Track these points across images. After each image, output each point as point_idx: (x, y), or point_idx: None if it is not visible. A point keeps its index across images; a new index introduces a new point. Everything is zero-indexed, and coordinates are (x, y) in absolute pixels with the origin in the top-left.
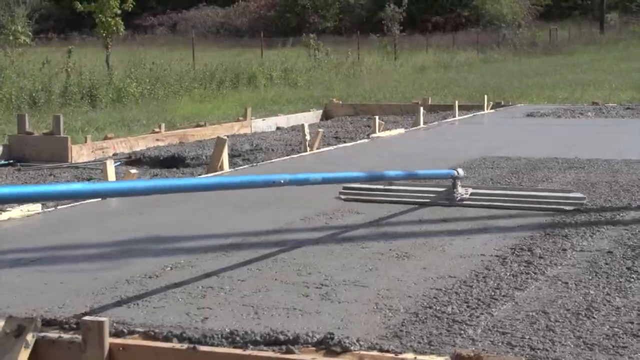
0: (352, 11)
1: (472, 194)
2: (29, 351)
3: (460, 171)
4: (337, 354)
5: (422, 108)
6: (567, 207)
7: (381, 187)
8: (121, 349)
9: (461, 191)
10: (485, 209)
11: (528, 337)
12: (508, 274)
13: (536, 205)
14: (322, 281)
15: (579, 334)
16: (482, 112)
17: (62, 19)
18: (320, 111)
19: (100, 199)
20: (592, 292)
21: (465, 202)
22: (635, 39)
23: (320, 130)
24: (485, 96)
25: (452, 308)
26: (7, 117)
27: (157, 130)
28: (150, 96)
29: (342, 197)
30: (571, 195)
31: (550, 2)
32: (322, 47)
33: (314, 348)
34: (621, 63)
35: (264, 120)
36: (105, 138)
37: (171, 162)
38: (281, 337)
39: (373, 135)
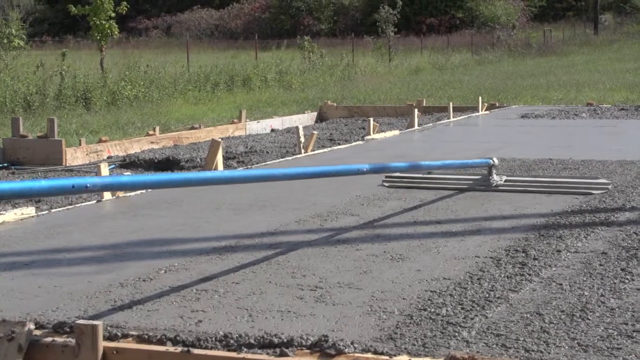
0: (346, 13)
1: (506, 180)
2: (22, 355)
3: (495, 160)
4: (331, 356)
5: (416, 110)
6: (595, 191)
7: (420, 175)
8: (115, 352)
9: (496, 178)
10: (519, 193)
11: (522, 338)
12: (502, 275)
13: (566, 189)
14: (317, 283)
15: (573, 335)
16: (476, 114)
17: (56, 22)
18: (315, 113)
19: (95, 202)
20: (586, 293)
21: (500, 188)
22: (629, 39)
23: (314, 132)
24: (480, 97)
25: (447, 310)
26: (1, 120)
27: (151, 133)
28: (144, 99)
29: (386, 184)
30: (597, 180)
31: (545, 3)
32: (317, 49)
33: (308, 351)
34: (615, 64)
35: (258, 122)
36: (100, 141)
37: (166, 164)
38: (275, 339)
39: (368, 137)
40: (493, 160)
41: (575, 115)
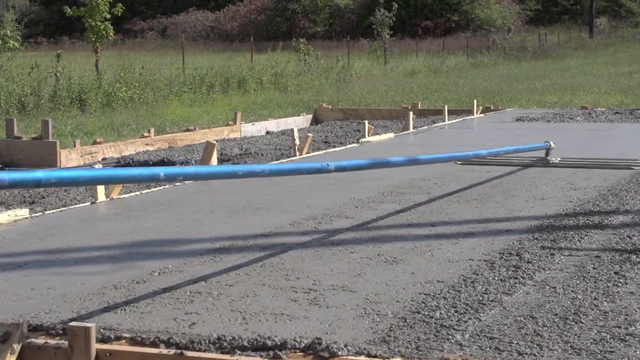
0: (342, 16)
1: (560, 160)
2: (15, 357)
3: (552, 143)
4: (324, 359)
5: (411, 113)
6: (635, 167)
7: (489, 157)
8: (108, 354)
9: (553, 158)
10: (574, 168)
11: (516, 342)
12: (496, 278)
13: (611, 166)
14: (311, 286)
15: (566, 338)
16: (471, 117)
17: (51, 23)
18: (310, 115)
19: (89, 204)
20: (579, 296)
21: (557, 165)
22: (624, 43)
23: (309, 134)
24: (475, 101)
25: (440, 313)
26: None
27: (146, 134)
28: (139, 100)
29: (459, 162)
30: (636, 160)
31: (540, 7)
32: (312, 52)
33: (301, 353)
34: (610, 67)
35: (253, 124)
36: (95, 142)
37: (160, 166)
38: (269, 342)
39: (363, 139)
40: (550, 144)
41: (570, 118)
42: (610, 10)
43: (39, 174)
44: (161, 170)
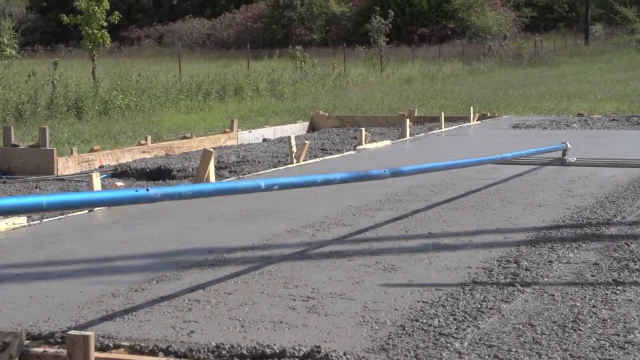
0: (338, 23)
1: (576, 159)
2: None
3: (569, 144)
4: None
5: (408, 120)
6: None
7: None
8: None
9: (569, 158)
10: (588, 167)
11: (515, 350)
12: (494, 286)
13: (624, 165)
14: (309, 294)
15: (565, 346)
16: (468, 124)
17: (48, 31)
18: (307, 123)
19: (87, 212)
20: (578, 304)
21: (574, 164)
22: (619, 50)
23: (306, 142)
24: (471, 108)
25: (439, 321)
26: None
27: (143, 142)
28: (136, 108)
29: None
30: None
31: (536, 14)
32: (309, 59)
33: None
34: (606, 74)
35: (250, 132)
36: (92, 150)
37: (157, 174)
38: (267, 350)
39: (359, 147)
40: (567, 145)
41: (566, 125)
42: (605, 17)
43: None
44: (262, 182)
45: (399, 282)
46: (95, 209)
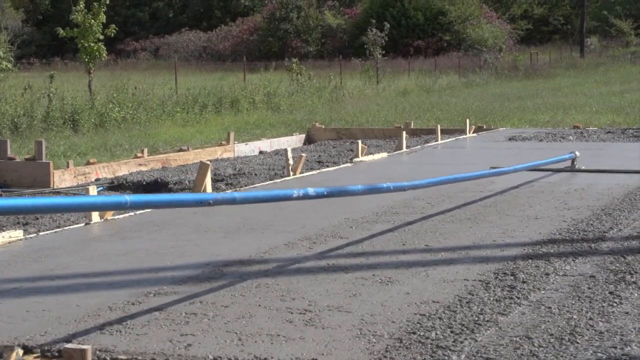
0: (334, 36)
1: (584, 168)
2: None
3: (577, 153)
4: None
5: (404, 132)
6: None
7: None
8: None
9: (578, 165)
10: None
11: None
12: (492, 298)
13: (630, 172)
14: (306, 307)
15: (562, 359)
16: (464, 136)
17: (44, 44)
18: (303, 135)
19: (83, 225)
20: (575, 316)
21: (583, 170)
22: (615, 63)
23: (303, 154)
24: (467, 120)
25: (436, 333)
26: None
27: (139, 155)
28: (132, 121)
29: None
30: None
31: (531, 26)
32: (305, 71)
33: None
34: (601, 87)
35: (246, 144)
36: (88, 163)
37: (154, 187)
38: None
39: (356, 159)
40: (576, 154)
41: (562, 137)
42: (601, 29)
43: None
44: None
45: (396, 295)
46: (92, 222)
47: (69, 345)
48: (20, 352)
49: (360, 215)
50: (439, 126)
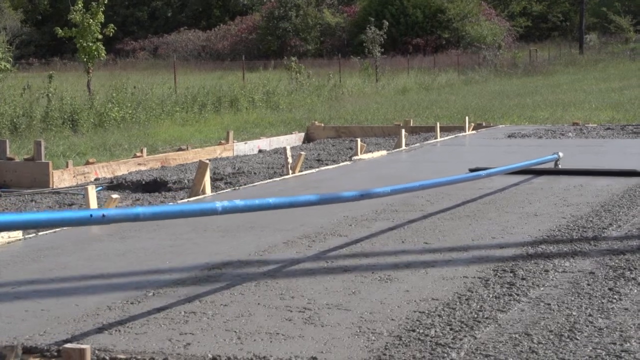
0: (333, 34)
1: (567, 167)
2: None
3: (561, 154)
4: None
5: (403, 130)
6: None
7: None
8: None
9: (560, 165)
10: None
11: (511, 359)
12: (491, 295)
13: (615, 170)
14: (305, 305)
15: (562, 355)
16: (463, 134)
17: (43, 44)
18: (302, 134)
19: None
20: (574, 313)
21: (563, 170)
22: (614, 59)
23: (302, 153)
24: (467, 117)
25: (435, 331)
26: None
27: (138, 154)
28: (132, 120)
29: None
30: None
31: (530, 23)
32: (304, 70)
33: None
34: (600, 83)
35: (246, 143)
36: (87, 163)
37: (153, 186)
38: None
39: (355, 157)
40: (559, 155)
41: (561, 134)
42: (600, 26)
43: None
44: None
45: (395, 292)
46: None
47: (68, 345)
48: (20, 351)
49: (360, 213)
50: (438, 124)
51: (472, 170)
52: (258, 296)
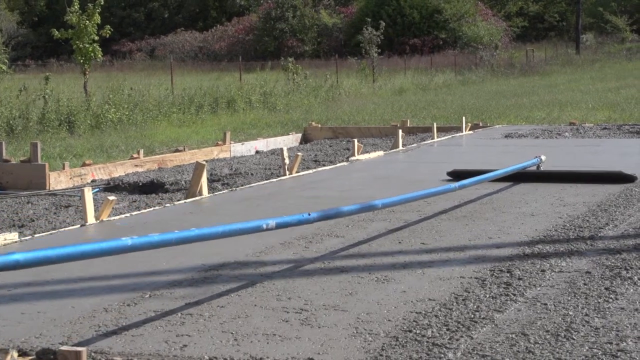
0: (330, 35)
1: (550, 170)
2: None
3: (543, 157)
4: None
5: (400, 130)
6: (629, 173)
7: (485, 169)
8: None
9: (543, 168)
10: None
11: (508, 359)
12: (487, 296)
13: (600, 173)
14: (302, 306)
15: (558, 355)
16: (460, 134)
17: (39, 45)
18: (300, 135)
19: (79, 226)
20: (571, 313)
21: (546, 172)
22: (610, 59)
23: (299, 153)
24: (463, 118)
25: (432, 331)
26: None
27: (135, 156)
28: (128, 122)
29: (449, 177)
30: (628, 173)
31: (527, 24)
32: (301, 71)
33: None
34: (597, 83)
35: (243, 144)
36: (84, 164)
37: (150, 187)
38: None
39: (352, 158)
40: (541, 158)
41: (558, 134)
42: (596, 26)
43: None
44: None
45: (392, 293)
46: (87, 223)
47: (64, 348)
48: (15, 354)
49: (357, 214)
50: (435, 124)
51: (449, 174)
52: (255, 297)
